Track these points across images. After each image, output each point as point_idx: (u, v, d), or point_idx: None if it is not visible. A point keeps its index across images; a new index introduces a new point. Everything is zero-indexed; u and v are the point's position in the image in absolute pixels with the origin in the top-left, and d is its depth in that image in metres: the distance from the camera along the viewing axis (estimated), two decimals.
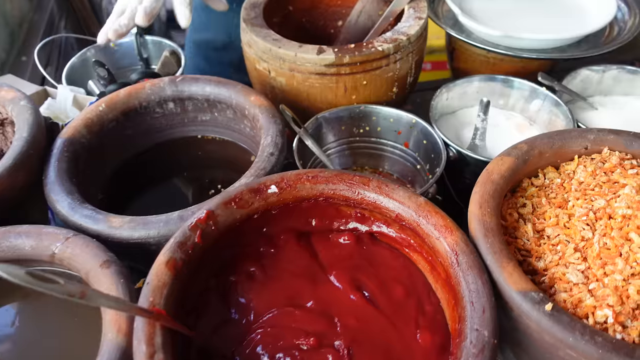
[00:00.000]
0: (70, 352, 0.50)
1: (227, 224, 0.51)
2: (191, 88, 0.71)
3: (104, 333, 0.45)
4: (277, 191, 0.53)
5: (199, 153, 0.74)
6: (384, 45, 0.69)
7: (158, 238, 0.53)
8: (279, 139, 0.62)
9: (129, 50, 0.90)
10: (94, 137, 0.66)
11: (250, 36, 0.74)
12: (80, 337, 0.50)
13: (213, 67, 1.07)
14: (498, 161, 0.54)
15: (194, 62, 1.19)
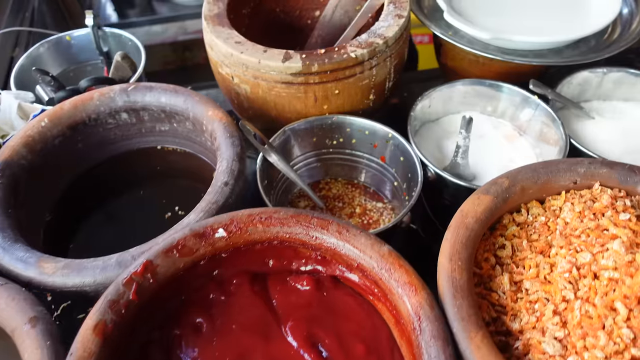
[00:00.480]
0: None
1: (169, 274, 0.46)
2: (145, 98, 0.64)
3: None
4: (225, 235, 0.47)
5: (157, 168, 0.68)
6: (357, 50, 0.62)
7: (95, 286, 0.48)
8: (235, 164, 0.56)
9: (86, 44, 0.82)
10: (36, 156, 0.60)
11: (210, 37, 0.66)
12: None
13: None
14: (474, 200, 0.48)
15: None
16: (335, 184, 0.72)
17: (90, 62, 0.84)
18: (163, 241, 0.46)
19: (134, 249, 0.49)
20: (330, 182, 0.73)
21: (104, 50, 0.83)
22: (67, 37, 0.81)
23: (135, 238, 0.61)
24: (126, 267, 0.48)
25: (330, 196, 0.71)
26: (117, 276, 0.47)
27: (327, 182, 0.73)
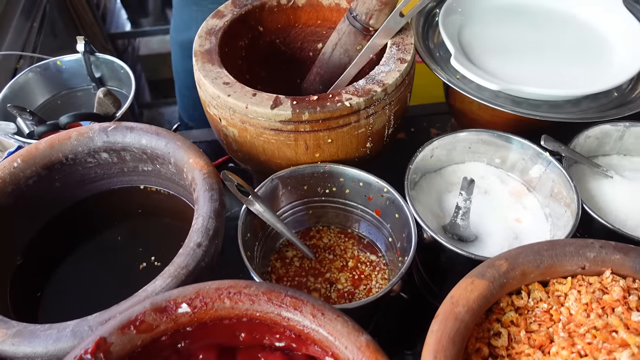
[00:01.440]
0: None
1: (124, 352, 0.42)
2: (125, 139, 0.60)
3: None
4: (189, 311, 0.43)
5: (139, 210, 0.65)
6: (353, 99, 0.57)
7: (47, 357, 0.44)
8: (211, 222, 0.51)
9: (78, 70, 0.79)
10: (6, 198, 0.57)
11: (199, 75, 0.62)
12: None
13: None
14: (467, 285, 0.43)
15: (183, 65, 1.11)
16: (328, 233, 0.68)
17: (81, 87, 0.81)
18: (120, 315, 0.42)
19: (92, 316, 0.45)
20: (322, 231, 0.68)
21: (96, 77, 0.80)
22: (58, 62, 0.78)
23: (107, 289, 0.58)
24: (81, 339, 0.44)
25: (321, 246, 0.66)
26: (71, 349, 0.44)
27: (319, 230, 0.68)
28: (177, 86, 1.18)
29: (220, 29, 0.68)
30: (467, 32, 0.74)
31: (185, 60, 1.08)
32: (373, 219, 0.64)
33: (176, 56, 1.14)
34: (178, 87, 1.17)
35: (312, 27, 0.78)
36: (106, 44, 1.74)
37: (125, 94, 0.80)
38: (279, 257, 0.65)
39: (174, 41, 1.12)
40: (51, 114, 0.79)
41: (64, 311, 0.57)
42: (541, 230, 0.60)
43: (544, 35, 0.74)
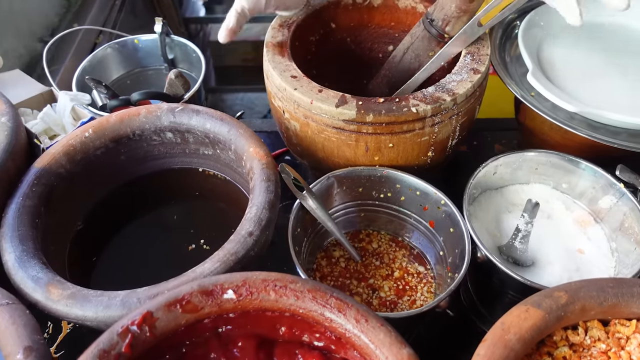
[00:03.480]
0: None
1: (168, 329, 0.43)
2: (190, 121, 0.62)
3: None
4: (234, 298, 0.43)
5: (196, 193, 0.66)
6: (420, 105, 0.56)
7: (96, 322, 0.46)
8: (265, 213, 0.52)
9: (152, 49, 0.82)
10: (75, 166, 0.60)
11: (267, 66, 0.63)
12: None
13: None
14: (521, 313, 0.41)
15: None
16: (377, 238, 0.67)
17: (153, 67, 0.84)
18: (168, 293, 0.43)
19: (141, 289, 0.47)
20: (372, 235, 0.67)
21: (169, 58, 0.82)
22: (135, 40, 0.81)
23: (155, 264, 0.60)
24: (129, 310, 0.45)
25: (370, 250, 0.65)
26: (119, 317, 0.45)
27: (369, 234, 0.67)
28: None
29: (293, 22, 0.68)
30: (547, 48, 0.71)
31: None
32: (426, 230, 0.62)
33: None
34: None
35: (384, 29, 0.77)
36: (180, 27, 1.79)
37: (194, 77, 0.82)
38: (326, 255, 0.65)
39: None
40: (123, 89, 0.82)
41: (112, 279, 0.59)
42: (605, 265, 0.57)
43: (629, 59, 0.70)
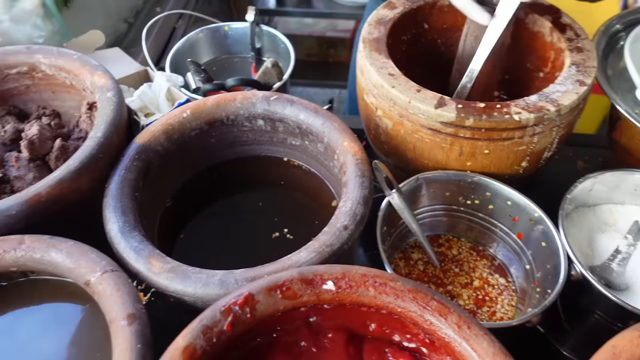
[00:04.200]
0: None
1: (267, 313, 0.43)
2: (284, 111, 0.62)
3: None
4: (333, 289, 0.44)
5: (281, 182, 0.67)
6: (523, 114, 0.55)
7: (193, 298, 0.47)
8: (359, 208, 0.52)
9: (241, 37, 0.83)
10: (172, 144, 0.61)
11: (364, 62, 0.63)
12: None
13: None
14: (634, 339, 0.39)
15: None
16: (458, 244, 0.66)
17: (240, 54, 0.86)
18: (268, 277, 0.44)
19: (239, 271, 0.47)
20: (452, 241, 0.66)
21: (257, 47, 0.83)
22: (225, 27, 0.83)
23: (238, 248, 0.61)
24: (227, 289, 0.46)
25: (449, 256, 0.64)
26: (216, 295, 0.46)
27: (449, 240, 0.66)
28: (350, 89, 1.18)
29: (390, 20, 0.68)
30: None
31: None
32: (513, 242, 0.61)
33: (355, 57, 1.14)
34: (350, 90, 1.17)
35: None
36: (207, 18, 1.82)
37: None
38: (404, 256, 0.64)
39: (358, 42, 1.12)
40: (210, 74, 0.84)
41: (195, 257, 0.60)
42: None
43: None
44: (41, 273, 0.52)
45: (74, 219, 0.58)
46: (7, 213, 0.50)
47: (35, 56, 0.66)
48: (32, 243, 0.50)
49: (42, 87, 0.70)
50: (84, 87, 0.66)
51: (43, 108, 0.70)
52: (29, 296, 0.52)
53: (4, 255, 0.49)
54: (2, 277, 0.52)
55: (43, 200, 0.52)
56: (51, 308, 0.52)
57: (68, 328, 0.50)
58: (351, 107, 1.23)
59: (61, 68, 0.66)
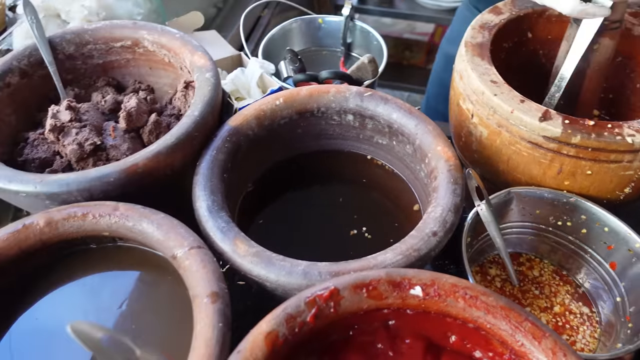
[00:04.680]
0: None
1: (350, 310, 0.43)
2: (377, 108, 0.61)
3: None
4: (420, 295, 0.42)
5: (363, 180, 0.66)
6: (636, 136, 0.51)
7: (275, 285, 0.47)
8: (450, 215, 0.50)
9: (334, 31, 0.83)
10: (261, 130, 0.62)
11: (465, 66, 0.61)
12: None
13: None
14: None
15: (440, 74, 1.08)
16: (539, 266, 0.63)
17: (329, 48, 0.85)
18: (355, 274, 0.43)
19: (323, 264, 0.47)
20: (534, 261, 0.63)
21: (348, 41, 0.83)
22: (319, 20, 0.83)
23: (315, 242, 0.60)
24: (310, 280, 0.46)
25: (530, 277, 0.62)
26: (298, 285, 0.46)
27: (530, 259, 0.63)
28: (428, 96, 1.16)
29: (495, 25, 0.66)
30: None
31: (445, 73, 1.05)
32: (604, 271, 0.57)
33: (438, 66, 1.11)
34: (428, 96, 1.15)
35: None
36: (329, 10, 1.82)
37: None
38: (480, 271, 0.62)
39: (443, 51, 1.08)
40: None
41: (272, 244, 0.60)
42: None
43: None
44: (129, 241, 0.54)
45: (162, 193, 0.60)
46: (105, 179, 0.52)
47: (140, 32, 0.68)
48: (126, 211, 0.51)
49: (141, 62, 0.72)
50: (182, 65, 0.67)
51: (139, 82, 0.73)
52: (115, 261, 0.54)
53: (99, 219, 0.51)
54: (93, 240, 0.54)
55: (139, 171, 0.53)
56: (135, 275, 0.53)
57: (149, 297, 0.52)
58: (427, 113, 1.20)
59: (163, 45, 0.68)
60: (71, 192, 0.52)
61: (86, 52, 0.70)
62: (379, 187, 0.66)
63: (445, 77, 1.04)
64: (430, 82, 1.16)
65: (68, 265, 0.54)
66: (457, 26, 1.03)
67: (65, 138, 0.60)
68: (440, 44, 1.11)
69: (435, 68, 1.13)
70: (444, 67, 1.07)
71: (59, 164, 0.61)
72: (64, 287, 0.53)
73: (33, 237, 0.51)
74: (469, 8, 0.98)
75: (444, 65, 1.07)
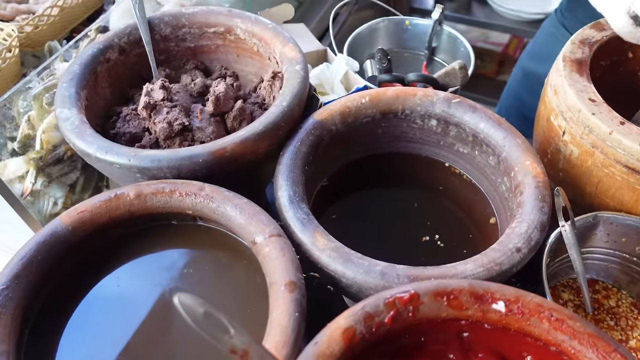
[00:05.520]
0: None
1: (428, 316, 0.42)
2: (464, 116, 0.60)
3: None
4: (503, 311, 0.41)
5: (439, 187, 0.65)
6: None
7: (351, 282, 0.47)
8: (536, 233, 0.49)
9: (420, 34, 0.82)
10: (344, 127, 0.62)
11: (562, 81, 0.59)
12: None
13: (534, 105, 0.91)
14: None
15: (516, 88, 1.05)
16: (617, 296, 0.60)
17: (411, 50, 0.85)
18: (436, 281, 0.43)
19: (401, 267, 0.47)
20: (611, 290, 0.60)
21: (432, 45, 0.82)
22: (406, 21, 0.82)
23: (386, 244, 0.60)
24: (387, 282, 0.46)
25: (605, 306, 0.59)
26: (375, 285, 0.46)
27: (607, 288, 0.61)
28: (500, 108, 1.13)
29: (596, 42, 0.63)
30: None
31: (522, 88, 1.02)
32: None
33: (515, 80, 1.08)
34: (500, 109, 1.12)
35: None
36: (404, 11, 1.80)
37: None
38: (553, 293, 0.60)
39: (522, 65, 1.05)
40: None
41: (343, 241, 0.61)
42: None
43: None
44: (210, 222, 0.55)
45: (242, 178, 0.61)
46: (194, 159, 0.54)
47: (234, 20, 0.70)
48: (211, 192, 0.53)
49: (230, 49, 0.74)
50: (270, 55, 0.69)
51: (225, 69, 0.75)
52: (194, 240, 0.56)
53: (184, 198, 0.53)
54: (176, 216, 0.56)
55: (227, 155, 0.55)
56: (212, 255, 0.55)
57: (224, 278, 0.53)
58: None
59: (254, 34, 0.69)
60: (161, 168, 0.54)
61: (180, 35, 0.72)
62: (455, 195, 0.65)
63: (521, 91, 1.01)
64: (505, 95, 1.13)
65: (149, 238, 0.56)
66: (540, 41, 1.00)
67: (157, 116, 0.62)
68: (520, 58, 1.08)
69: (511, 81, 1.10)
70: (521, 82, 1.04)
71: (147, 139, 0.63)
72: (143, 258, 0.55)
73: (122, 208, 0.53)
74: (555, 24, 0.95)
75: (520, 80, 1.04)
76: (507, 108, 1.10)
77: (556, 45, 0.93)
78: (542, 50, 0.98)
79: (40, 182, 0.66)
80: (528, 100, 0.94)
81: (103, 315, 0.52)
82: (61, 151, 0.68)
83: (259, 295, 0.50)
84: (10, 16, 0.81)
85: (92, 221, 0.53)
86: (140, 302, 0.52)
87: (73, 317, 0.52)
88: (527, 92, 0.98)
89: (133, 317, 0.51)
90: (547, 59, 0.93)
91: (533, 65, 0.99)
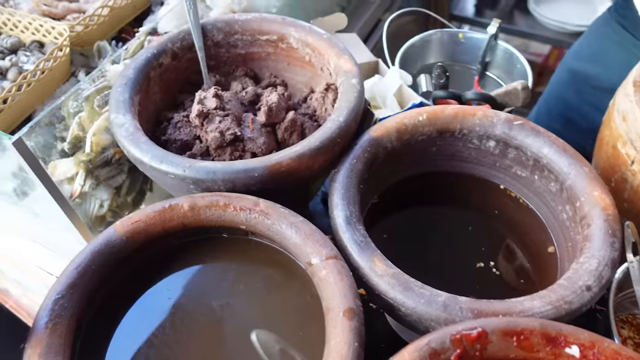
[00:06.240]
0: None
1: (495, 356, 0.41)
2: (526, 139, 0.58)
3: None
4: (577, 357, 0.39)
5: (495, 211, 0.63)
6: None
7: (410, 311, 0.46)
8: (607, 271, 0.46)
9: (473, 48, 0.80)
10: (399, 144, 0.60)
11: (632, 108, 0.56)
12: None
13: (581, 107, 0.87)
14: None
15: (560, 90, 1.00)
16: None
17: (462, 64, 0.83)
18: (505, 319, 0.41)
19: (464, 299, 0.45)
20: None
21: (486, 60, 0.79)
22: (459, 34, 0.80)
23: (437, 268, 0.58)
24: (450, 315, 0.44)
25: None
26: (436, 317, 0.45)
27: None
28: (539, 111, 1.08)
29: None
30: None
31: (567, 90, 0.98)
32: None
33: (559, 81, 1.02)
34: (539, 112, 1.07)
35: None
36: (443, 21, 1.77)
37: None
38: None
39: (567, 65, 1.00)
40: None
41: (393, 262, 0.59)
42: None
43: None
44: (263, 237, 0.54)
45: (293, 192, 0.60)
46: (250, 173, 0.53)
47: (288, 28, 0.69)
48: (266, 208, 0.52)
49: (280, 57, 0.73)
50: (323, 66, 0.67)
51: (274, 76, 0.74)
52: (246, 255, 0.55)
53: (239, 212, 0.52)
54: (228, 230, 0.55)
55: (282, 170, 0.53)
56: (264, 272, 0.54)
57: (277, 297, 0.52)
58: None
59: (308, 44, 0.68)
60: (216, 180, 0.53)
61: (232, 42, 0.71)
62: (510, 220, 0.62)
63: (566, 93, 0.96)
64: (545, 97, 1.07)
65: (200, 250, 0.55)
66: (591, 42, 0.94)
67: (209, 125, 0.61)
68: (564, 59, 1.03)
69: (554, 83, 1.04)
70: (567, 83, 0.99)
71: (198, 148, 0.62)
72: (194, 269, 0.55)
73: (176, 219, 0.53)
74: (610, 24, 0.90)
75: (566, 81, 0.99)
76: (547, 111, 1.04)
77: (609, 46, 0.89)
78: (593, 51, 0.94)
79: (88, 184, 0.66)
80: (574, 102, 0.90)
81: (151, 326, 0.51)
82: (109, 154, 0.68)
83: (312, 319, 0.48)
84: (61, 15, 0.81)
85: (146, 231, 0.52)
86: (190, 315, 0.51)
87: (121, 327, 0.51)
88: (574, 94, 0.93)
89: (182, 329, 0.50)
90: (598, 60, 0.89)
91: (582, 66, 0.94)
